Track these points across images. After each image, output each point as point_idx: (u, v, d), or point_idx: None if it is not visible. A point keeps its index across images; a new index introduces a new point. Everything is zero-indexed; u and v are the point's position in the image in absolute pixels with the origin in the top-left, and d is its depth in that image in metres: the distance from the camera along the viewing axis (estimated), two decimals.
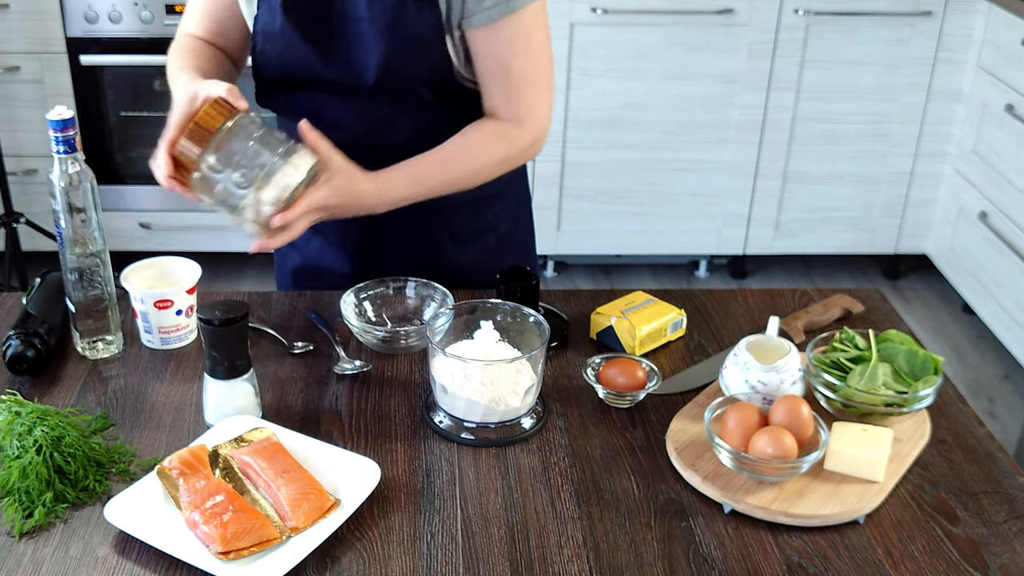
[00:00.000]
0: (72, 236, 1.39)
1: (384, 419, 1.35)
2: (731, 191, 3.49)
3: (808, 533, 1.17)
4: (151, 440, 1.31)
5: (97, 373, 1.44)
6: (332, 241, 1.67)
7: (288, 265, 1.74)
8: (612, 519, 1.19)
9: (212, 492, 1.16)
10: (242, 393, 1.31)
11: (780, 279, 3.74)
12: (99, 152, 3.32)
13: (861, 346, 1.37)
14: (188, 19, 1.60)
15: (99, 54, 3.19)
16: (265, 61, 1.52)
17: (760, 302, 1.65)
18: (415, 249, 1.64)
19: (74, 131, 1.35)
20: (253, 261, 3.72)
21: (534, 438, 1.32)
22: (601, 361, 1.42)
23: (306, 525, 1.14)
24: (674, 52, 3.27)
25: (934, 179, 3.51)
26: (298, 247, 1.70)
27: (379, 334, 1.48)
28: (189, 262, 1.53)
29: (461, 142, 1.49)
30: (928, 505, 1.22)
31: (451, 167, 1.48)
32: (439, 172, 1.47)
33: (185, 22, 1.60)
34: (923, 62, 3.33)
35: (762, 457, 1.19)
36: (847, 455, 1.23)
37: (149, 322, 1.47)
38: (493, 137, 1.50)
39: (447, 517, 1.18)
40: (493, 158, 1.50)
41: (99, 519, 1.17)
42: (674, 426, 1.32)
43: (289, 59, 1.49)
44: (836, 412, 1.33)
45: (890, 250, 3.64)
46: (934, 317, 3.54)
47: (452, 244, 1.66)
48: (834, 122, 3.41)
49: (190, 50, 1.54)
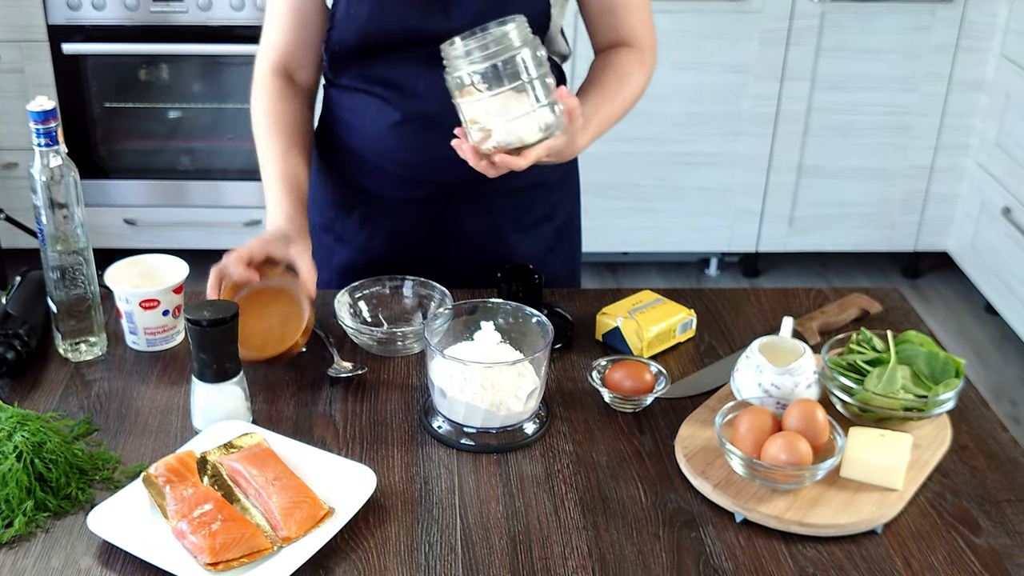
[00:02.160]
0: (54, 233, 1.39)
1: (380, 424, 1.35)
2: (743, 186, 3.49)
3: (823, 543, 1.17)
4: (136, 446, 1.31)
5: (80, 376, 1.44)
6: (387, 229, 1.67)
7: (335, 262, 1.71)
8: (619, 529, 1.19)
9: (200, 500, 1.16)
10: (231, 397, 1.31)
11: (794, 278, 3.74)
12: (82, 145, 3.32)
13: (879, 348, 1.37)
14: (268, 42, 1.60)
15: (82, 42, 3.19)
16: (346, 29, 1.52)
17: (773, 302, 1.65)
18: (476, 236, 1.65)
19: (56, 123, 1.35)
20: None
21: (537, 444, 1.32)
22: (607, 363, 1.42)
23: (298, 535, 1.14)
24: (683, 40, 3.27)
25: (955, 173, 3.51)
26: (346, 240, 1.69)
27: (375, 335, 1.48)
28: (176, 260, 1.53)
29: (613, 75, 1.55)
30: (949, 514, 1.22)
31: (617, 104, 1.55)
32: (614, 111, 1.54)
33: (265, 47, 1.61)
34: (944, 50, 3.33)
35: (775, 464, 1.19)
36: (864, 462, 1.23)
37: (134, 323, 1.47)
38: (634, 65, 1.57)
39: (446, 527, 1.19)
40: (640, 86, 1.58)
41: (82, 529, 1.17)
42: (683, 431, 1.32)
43: (378, 20, 1.50)
44: (853, 417, 1.33)
45: (909, 247, 3.64)
46: (955, 317, 3.54)
47: (514, 232, 1.66)
48: (851, 113, 3.41)
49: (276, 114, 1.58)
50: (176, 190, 3.45)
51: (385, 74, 1.54)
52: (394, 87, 1.53)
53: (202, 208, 3.46)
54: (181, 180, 3.44)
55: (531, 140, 1.33)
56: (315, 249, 1.73)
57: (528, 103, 1.30)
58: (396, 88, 1.53)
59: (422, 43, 1.49)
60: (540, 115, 1.31)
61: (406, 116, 1.53)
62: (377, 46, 1.53)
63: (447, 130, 1.37)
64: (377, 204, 1.64)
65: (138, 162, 3.45)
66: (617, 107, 1.55)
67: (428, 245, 1.66)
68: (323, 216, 1.71)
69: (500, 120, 1.30)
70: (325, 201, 1.70)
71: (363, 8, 1.50)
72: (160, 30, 3.20)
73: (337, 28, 1.53)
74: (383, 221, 1.66)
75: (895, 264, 3.82)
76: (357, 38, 1.53)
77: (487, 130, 1.32)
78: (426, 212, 1.63)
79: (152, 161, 3.46)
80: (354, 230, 1.68)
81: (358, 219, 1.67)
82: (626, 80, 1.56)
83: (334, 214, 1.69)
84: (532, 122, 1.31)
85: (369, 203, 1.65)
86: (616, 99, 1.55)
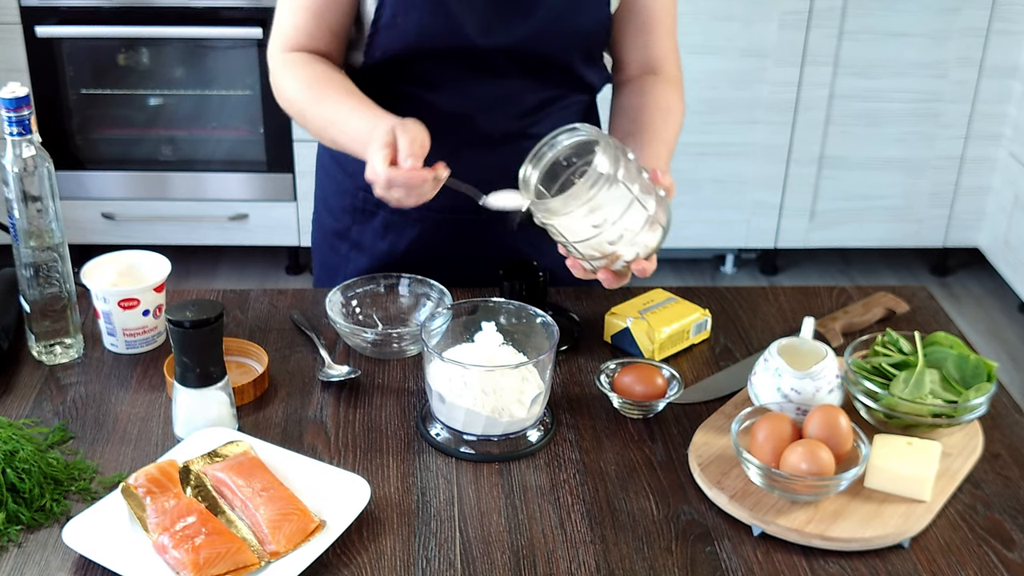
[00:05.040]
0: (27, 228, 1.39)
1: (374, 431, 1.36)
2: (761, 178, 3.49)
3: (847, 558, 1.17)
4: (115, 455, 1.31)
5: (55, 380, 1.44)
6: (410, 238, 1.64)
7: (350, 270, 1.68)
8: (628, 543, 1.19)
9: (183, 513, 1.16)
10: (216, 403, 1.31)
11: (815, 275, 3.74)
12: (57, 134, 3.33)
13: (906, 350, 1.37)
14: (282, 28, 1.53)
15: (57, 24, 3.20)
16: (390, 38, 1.49)
17: (793, 301, 1.65)
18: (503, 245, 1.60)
19: (29, 110, 1.35)
20: (227, 256, 3.73)
21: (541, 453, 1.32)
22: (616, 367, 1.42)
23: (287, 549, 1.14)
24: (697, 22, 3.27)
25: (987, 164, 3.51)
26: (364, 247, 1.67)
27: (369, 337, 1.48)
28: (157, 257, 1.53)
29: (659, 113, 1.55)
30: (980, 527, 1.22)
31: (669, 135, 1.55)
32: (668, 148, 1.53)
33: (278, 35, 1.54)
34: (975, 34, 3.33)
35: (795, 474, 1.19)
36: (890, 471, 1.23)
37: (113, 323, 1.47)
38: (673, 98, 1.58)
39: (444, 541, 1.19)
40: (681, 120, 1.59)
41: (57, 542, 1.17)
42: (697, 439, 1.32)
43: (429, 32, 1.47)
44: (878, 424, 1.33)
45: (938, 243, 3.64)
46: (987, 317, 3.54)
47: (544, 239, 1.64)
48: (876, 101, 3.41)
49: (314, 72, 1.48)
50: (157, 182, 3.45)
51: (425, 75, 1.52)
52: (427, 85, 1.52)
53: (184, 201, 3.46)
54: (162, 172, 3.44)
55: (655, 245, 1.32)
56: (328, 257, 1.73)
57: (642, 215, 1.27)
58: (429, 86, 1.52)
59: (467, 52, 1.49)
60: (656, 217, 1.29)
61: (441, 117, 1.47)
62: (421, 55, 1.51)
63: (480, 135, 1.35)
64: (400, 211, 1.61)
65: (117, 152, 3.45)
66: (670, 146, 1.55)
67: (452, 255, 1.64)
68: (338, 222, 1.69)
69: (624, 245, 1.29)
70: (342, 206, 1.68)
71: (412, 18, 1.47)
72: (140, 11, 3.20)
73: (381, 35, 1.50)
74: (407, 230, 1.65)
75: (923, 261, 3.82)
76: (402, 48, 1.50)
77: (613, 255, 1.30)
78: (452, 222, 1.62)
79: (132, 151, 3.47)
80: (375, 238, 1.67)
81: (380, 226, 1.65)
82: (671, 113, 1.57)
83: (351, 220, 1.68)
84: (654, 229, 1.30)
85: (392, 210, 1.62)
86: (667, 136, 1.54)
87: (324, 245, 1.74)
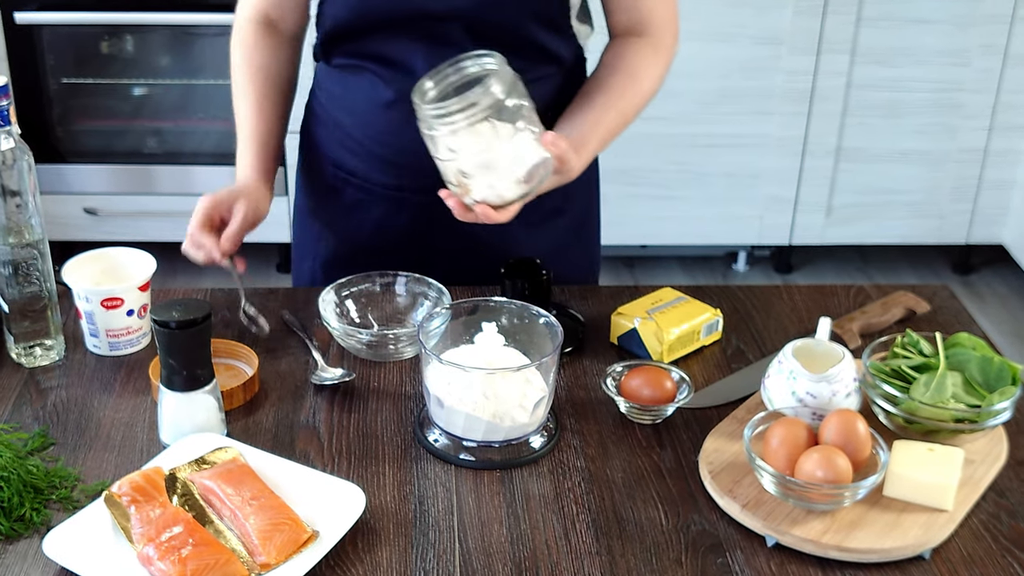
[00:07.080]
0: (5, 224, 1.40)
1: (370, 437, 1.36)
2: (775, 171, 3.49)
3: (865, 570, 1.17)
4: (98, 462, 1.31)
5: (35, 383, 1.44)
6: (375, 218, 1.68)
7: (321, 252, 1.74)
8: (636, 554, 1.19)
9: (169, 523, 1.16)
10: (203, 407, 1.31)
11: (832, 274, 3.74)
12: (37, 126, 3.33)
13: (927, 352, 1.37)
14: None
15: (37, 10, 3.20)
16: (337, 4, 1.54)
17: (809, 301, 1.65)
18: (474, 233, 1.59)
19: (7, 101, 1.35)
20: None
21: (545, 460, 1.32)
22: (623, 370, 1.42)
23: (279, 561, 1.15)
24: (708, 8, 3.27)
25: (1012, 157, 3.51)
26: (335, 227, 1.72)
27: (364, 338, 1.48)
28: (142, 254, 1.54)
29: (622, 76, 1.56)
30: (1004, 537, 1.22)
31: (625, 109, 1.56)
32: (620, 115, 1.55)
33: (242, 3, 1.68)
34: (999, 20, 3.33)
35: (811, 482, 1.19)
36: (910, 479, 1.23)
37: (95, 324, 1.47)
38: (647, 60, 1.58)
39: (443, 552, 1.19)
40: (653, 83, 1.59)
41: (37, 553, 1.17)
42: (708, 446, 1.32)
43: None
44: (897, 429, 1.33)
45: (961, 240, 3.64)
46: (1012, 318, 3.54)
47: (521, 228, 1.64)
48: (895, 90, 3.41)
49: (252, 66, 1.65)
50: (142, 176, 3.45)
51: (379, 49, 1.55)
52: (388, 63, 1.54)
53: (170, 196, 3.46)
54: (147, 165, 3.44)
55: (512, 197, 1.37)
56: (299, 237, 1.78)
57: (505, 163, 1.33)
58: (391, 64, 1.54)
59: (419, 19, 1.50)
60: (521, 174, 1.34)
61: (400, 96, 1.53)
62: (371, 23, 1.53)
63: None
64: (366, 189, 1.65)
65: (99, 145, 3.45)
66: (625, 113, 1.56)
67: (419, 240, 1.66)
68: (309, 199, 1.73)
69: (477, 182, 1.34)
70: (312, 184, 1.72)
71: None
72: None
73: (328, 3, 1.54)
74: (372, 208, 1.66)
75: (945, 258, 3.82)
76: (348, 15, 1.54)
77: (465, 186, 1.36)
78: (417, 203, 1.63)
79: (115, 144, 3.47)
80: (342, 216, 1.69)
81: (347, 204, 1.67)
82: (636, 79, 1.57)
83: (320, 198, 1.70)
84: (512, 179, 1.35)
85: (358, 187, 1.66)
86: (622, 103, 1.55)
87: (296, 226, 1.80)
